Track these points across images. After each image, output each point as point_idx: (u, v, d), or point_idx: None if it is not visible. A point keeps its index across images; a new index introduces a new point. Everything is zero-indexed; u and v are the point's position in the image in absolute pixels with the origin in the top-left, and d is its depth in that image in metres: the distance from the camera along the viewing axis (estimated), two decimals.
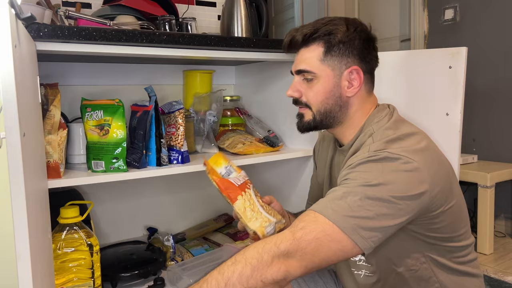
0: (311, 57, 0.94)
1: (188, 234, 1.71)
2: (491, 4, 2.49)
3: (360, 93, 0.94)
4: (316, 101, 0.94)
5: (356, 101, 0.95)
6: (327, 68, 0.92)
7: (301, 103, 0.97)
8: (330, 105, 0.94)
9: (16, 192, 0.73)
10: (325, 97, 0.93)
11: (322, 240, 0.74)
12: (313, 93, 0.94)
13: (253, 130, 1.60)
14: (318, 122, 0.96)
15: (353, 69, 0.92)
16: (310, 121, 0.97)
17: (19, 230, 0.74)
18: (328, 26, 0.92)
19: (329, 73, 0.93)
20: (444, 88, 1.20)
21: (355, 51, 0.92)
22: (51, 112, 1.05)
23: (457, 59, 1.18)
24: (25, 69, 0.80)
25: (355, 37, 0.92)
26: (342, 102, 0.94)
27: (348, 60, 0.92)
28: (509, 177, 2.29)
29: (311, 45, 0.94)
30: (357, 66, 0.92)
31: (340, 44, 0.91)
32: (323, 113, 0.95)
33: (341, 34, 0.91)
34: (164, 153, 1.23)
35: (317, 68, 0.93)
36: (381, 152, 0.81)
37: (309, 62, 0.94)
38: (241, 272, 0.73)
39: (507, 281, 1.88)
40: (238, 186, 0.94)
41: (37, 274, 0.79)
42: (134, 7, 1.46)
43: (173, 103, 1.30)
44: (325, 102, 0.94)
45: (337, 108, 0.94)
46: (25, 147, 0.74)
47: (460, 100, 1.18)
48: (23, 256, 0.74)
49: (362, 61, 0.93)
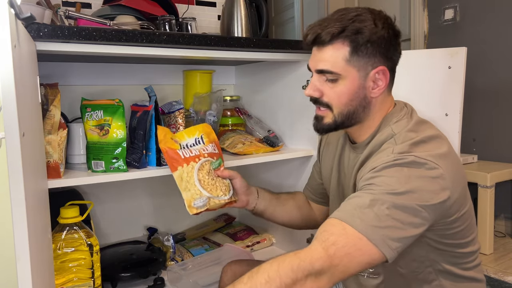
0: (336, 56, 0.87)
1: (188, 234, 1.71)
2: (491, 4, 2.49)
3: (384, 94, 0.91)
4: (339, 103, 0.89)
5: (378, 101, 0.91)
6: (352, 69, 0.86)
7: (321, 103, 0.92)
8: (354, 106, 0.89)
9: (15, 192, 0.73)
10: (349, 99, 0.88)
11: (354, 255, 0.73)
12: (337, 94, 0.88)
13: (253, 130, 1.60)
14: (339, 124, 0.91)
15: (379, 70, 0.87)
16: (330, 123, 0.92)
17: (18, 231, 0.74)
18: (356, 24, 0.85)
19: (354, 75, 0.87)
20: (443, 88, 1.20)
21: (382, 50, 0.87)
22: (51, 112, 1.05)
23: (457, 59, 1.18)
24: (24, 69, 0.80)
25: (383, 34, 0.86)
26: (365, 103, 0.89)
27: (375, 60, 0.87)
28: (509, 177, 2.28)
29: (336, 42, 0.87)
30: (383, 66, 0.87)
31: (368, 44, 0.85)
32: (345, 115, 0.90)
33: (369, 32, 0.85)
34: None
35: (343, 69, 0.86)
36: (408, 156, 0.79)
37: (334, 62, 0.87)
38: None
39: (507, 281, 1.88)
40: (184, 158, 1.03)
41: (37, 275, 0.79)
42: (134, 7, 1.46)
43: (173, 103, 1.30)
44: (349, 104, 0.89)
45: (360, 109, 0.89)
46: (24, 147, 0.74)
47: (460, 100, 1.18)
48: (23, 257, 0.74)
49: (388, 60, 0.88)
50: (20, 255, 0.74)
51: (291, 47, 1.33)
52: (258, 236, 1.71)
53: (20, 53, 0.76)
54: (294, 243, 1.60)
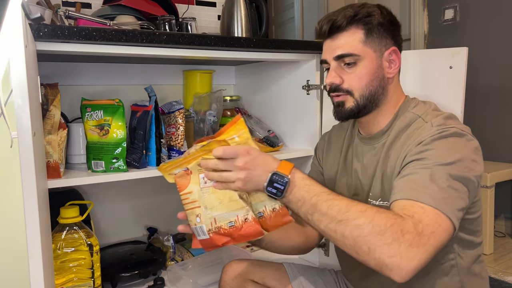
0: (352, 40, 0.92)
1: (188, 234, 1.71)
2: (491, 4, 2.49)
3: (397, 77, 0.97)
4: (361, 85, 0.92)
5: (394, 85, 0.96)
6: (369, 49, 0.92)
7: (341, 90, 0.94)
8: (375, 87, 0.93)
9: (28, 190, 0.73)
10: (369, 80, 0.92)
11: (437, 233, 0.72)
12: (357, 77, 0.92)
13: (253, 130, 1.60)
14: (362, 107, 0.93)
15: (392, 50, 0.94)
16: (353, 107, 0.93)
17: (31, 229, 0.75)
18: (365, 9, 0.92)
19: (372, 55, 0.92)
20: (444, 88, 1.20)
21: (391, 33, 0.94)
22: (51, 112, 1.05)
23: (458, 59, 1.18)
24: (31, 69, 0.80)
25: (390, 19, 0.94)
26: (384, 84, 0.94)
27: (387, 42, 0.93)
28: (509, 177, 2.28)
29: (350, 28, 0.92)
30: (395, 47, 0.94)
31: (379, 26, 0.92)
32: (367, 97, 0.92)
33: (378, 16, 0.92)
34: (164, 153, 1.23)
35: (361, 50, 0.91)
36: (450, 128, 0.83)
37: (352, 45, 0.91)
38: (361, 225, 0.70)
39: (507, 281, 1.88)
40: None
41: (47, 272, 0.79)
42: (134, 7, 1.46)
43: (173, 103, 1.30)
44: (370, 84, 0.92)
45: (380, 90, 0.93)
46: (35, 146, 0.74)
47: (461, 100, 1.18)
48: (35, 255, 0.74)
49: (397, 42, 0.96)
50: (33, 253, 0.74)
51: (291, 47, 1.33)
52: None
53: (29, 53, 0.76)
54: None
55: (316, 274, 1.16)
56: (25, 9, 0.73)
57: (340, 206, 0.74)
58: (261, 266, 1.16)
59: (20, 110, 0.72)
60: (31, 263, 0.74)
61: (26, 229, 0.74)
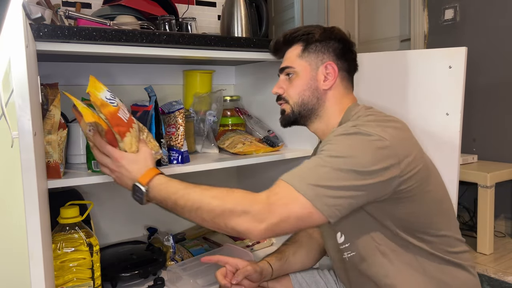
0: (292, 55, 1.05)
1: (188, 234, 1.71)
2: (491, 4, 2.49)
3: (338, 89, 1.02)
4: (294, 93, 1.03)
5: (333, 96, 1.02)
6: (305, 63, 1.03)
7: (282, 99, 1.07)
8: (307, 96, 1.02)
9: (29, 191, 0.74)
10: (302, 89, 1.02)
11: (291, 207, 0.80)
12: (293, 87, 1.04)
13: (253, 130, 1.60)
14: (297, 114, 1.04)
15: (328, 64, 1.01)
16: (290, 114, 1.05)
17: (31, 229, 0.75)
18: (307, 29, 1.05)
19: (306, 67, 1.02)
20: (444, 88, 1.20)
21: (331, 49, 1.02)
22: (51, 112, 1.05)
23: (457, 59, 1.18)
24: (32, 69, 0.80)
25: (330, 37, 1.03)
26: (318, 94, 1.02)
27: (324, 57, 1.02)
28: (509, 177, 2.28)
29: (293, 45, 1.06)
30: (332, 62, 1.01)
31: (317, 42, 1.02)
32: (300, 105, 1.03)
33: (318, 34, 1.03)
34: (164, 153, 1.23)
35: (296, 63, 1.03)
36: (356, 128, 0.86)
37: (290, 59, 1.05)
38: (214, 208, 0.83)
39: (507, 281, 1.88)
40: (127, 122, 0.96)
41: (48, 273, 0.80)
42: (134, 7, 1.46)
43: (173, 103, 1.30)
44: (302, 93, 1.02)
45: (314, 100, 1.02)
46: (36, 146, 0.74)
47: (460, 100, 1.18)
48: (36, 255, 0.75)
49: (339, 59, 1.02)
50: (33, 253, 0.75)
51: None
52: None
53: (29, 53, 0.76)
54: None
55: (317, 274, 1.17)
56: (25, 9, 0.73)
57: (194, 197, 0.85)
58: None
59: (21, 110, 0.72)
60: (31, 263, 0.74)
61: (27, 229, 0.74)
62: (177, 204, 0.87)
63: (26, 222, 0.74)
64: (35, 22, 0.86)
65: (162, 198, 0.90)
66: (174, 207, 0.88)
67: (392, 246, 0.91)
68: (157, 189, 0.91)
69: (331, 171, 0.81)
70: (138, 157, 0.96)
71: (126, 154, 0.95)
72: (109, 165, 0.95)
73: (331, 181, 0.80)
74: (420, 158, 0.88)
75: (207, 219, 0.84)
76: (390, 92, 1.29)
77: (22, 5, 0.70)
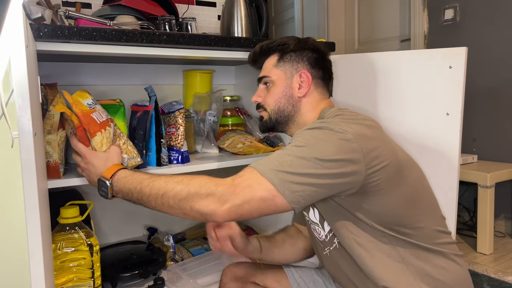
0: (268, 64, 1.10)
1: (188, 234, 1.71)
2: (491, 4, 2.49)
3: (313, 96, 1.06)
4: (271, 101, 1.07)
5: (308, 102, 1.05)
6: (280, 72, 1.07)
7: (261, 107, 1.11)
8: (283, 104, 1.06)
9: (29, 191, 0.74)
10: (278, 97, 1.06)
11: (254, 189, 0.82)
12: (270, 95, 1.08)
13: (253, 130, 1.60)
14: (274, 120, 1.08)
15: (302, 73, 1.05)
16: (267, 120, 1.09)
17: (31, 229, 0.75)
18: (282, 39, 1.10)
19: (281, 76, 1.07)
20: (444, 88, 1.20)
21: (305, 59, 1.07)
22: (50, 112, 1.05)
23: (457, 59, 1.18)
24: (32, 69, 0.80)
25: (304, 47, 1.07)
26: (294, 101, 1.05)
27: (298, 66, 1.06)
28: (509, 177, 2.28)
29: (270, 55, 1.11)
30: (306, 71, 1.05)
31: (292, 53, 1.07)
32: (276, 112, 1.07)
33: (293, 45, 1.07)
34: (164, 153, 1.23)
35: (272, 73, 1.08)
36: (320, 123, 0.89)
37: (267, 69, 1.10)
38: (179, 192, 0.84)
39: (507, 281, 1.88)
40: (99, 123, 1.03)
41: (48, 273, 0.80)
42: (134, 7, 1.46)
43: (173, 103, 1.30)
44: (278, 101, 1.06)
45: (289, 107, 1.06)
46: (36, 146, 0.74)
47: (460, 100, 1.18)
48: (36, 255, 0.75)
49: (313, 68, 1.06)
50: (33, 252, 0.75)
51: None
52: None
53: (29, 53, 0.76)
54: None
55: (316, 274, 1.17)
56: (26, 9, 0.73)
57: (159, 184, 0.87)
58: (260, 268, 1.17)
59: (21, 110, 0.72)
60: (32, 263, 0.74)
61: (27, 229, 0.74)
62: (142, 193, 0.88)
63: (26, 222, 0.74)
64: (35, 22, 0.87)
65: (128, 190, 0.92)
66: (140, 197, 0.89)
67: (368, 238, 0.92)
68: (122, 182, 0.93)
69: (294, 159, 0.83)
70: (106, 155, 1.01)
71: (94, 152, 1.01)
72: (79, 162, 1.02)
73: (294, 168, 0.82)
74: (388, 153, 0.89)
75: (172, 204, 0.85)
76: (390, 92, 1.29)
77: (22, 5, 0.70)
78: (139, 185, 0.89)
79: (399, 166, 0.90)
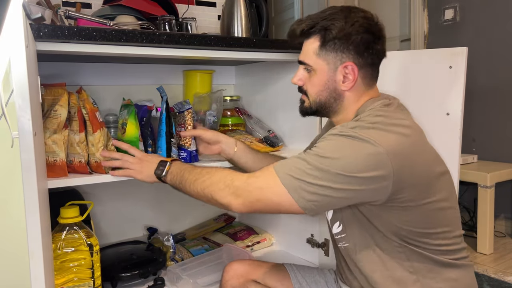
0: (309, 50, 0.97)
1: (188, 234, 1.71)
2: (491, 4, 2.49)
3: (357, 87, 0.96)
4: (313, 92, 0.99)
5: (352, 94, 0.97)
6: (322, 62, 0.95)
7: (302, 91, 1.03)
8: (325, 97, 0.98)
9: (29, 191, 0.74)
10: (319, 90, 0.98)
11: (265, 191, 0.86)
12: (311, 84, 0.99)
13: (253, 130, 1.60)
14: (314, 110, 1.01)
15: (347, 65, 0.93)
16: (307, 107, 1.03)
17: (31, 229, 0.75)
18: (325, 21, 0.94)
19: (324, 67, 0.96)
20: (444, 88, 1.20)
21: (351, 46, 0.92)
22: (57, 112, 1.05)
23: (458, 59, 1.18)
24: (32, 69, 0.80)
25: (351, 32, 0.92)
26: (336, 95, 0.97)
27: (343, 56, 0.93)
28: (509, 177, 2.28)
29: (311, 37, 0.97)
30: (351, 62, 0.93)
31: (335, 40, 0.92)
32: (318, 103, 0.99)
33: (337, 30, 0.92)
34: (174, 152, 1.24)
35: (313, 62, 0.97)
36: (353, 132, 0.84)
37: (307, 55, 0.98)
38: (205, 180, 0.95)
39: (507, 281, 1.88)
40: (99, 122, 1.13)
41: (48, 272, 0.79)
42: (134, 7, 1.46)
43: (183, 103, 1.31)
44: (319, 94, 0.98)
45: (331, 100, 0.98)
46: (36, 146, 0.74)
47: (461, 100, 1.18)
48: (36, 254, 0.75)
49: (359, 56, 0.93)
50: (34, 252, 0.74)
51: (291, 47, 1.33)
52: (258, 236, 1.70)
53: (29, 53, 0.76)
54: (294, 242, 1.60)
55: (317, 274, 1.17)
56: (25, 9, 0.73)
57: (196, 172, 0.99)
58: (262, 267, 1.17)
59: (21, 110, 0.72)
60: (32, 263, 0.74)
61: (27, 229, 0.74)
62: (183, 178, 1.00)
63: (26, 222, 0.74)
64: (35, 22, 0.86)
65: (175, 172, 1.04)
66: (181, 181, 1.01)
67: (383, 245, 0.91)
68: (175, 164, 1.06)
69: (314, 169, 0.82)
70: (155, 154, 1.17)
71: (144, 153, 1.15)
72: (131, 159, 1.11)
73: (312, 179, 0.82)
74: (420, 170, 0.85)
75: (200, 191, 0.95)
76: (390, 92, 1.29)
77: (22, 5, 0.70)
78: (184, 171, 1.02)
79: (429, 183, 0.87)
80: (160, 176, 1.07)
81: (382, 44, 0.96)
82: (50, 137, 1.05)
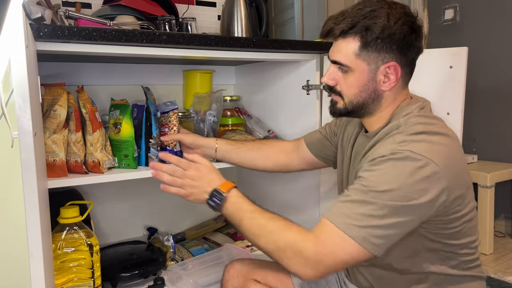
0: (346, 49, 0.90)
1: (188, 234, 1.71)
2: (491, 4, 2.49)
3: (396, 87, 0.92)
4: (349, 93, 0.93)
5: (390, 94, 0.93)
6: (362, 62, 0.90)
7: (334, 91, 0.96)
8: (363, 98, 0.93)
9: (29, 191, 0.74)
10: (358, 90, 0.92)
11: (337, 254, 0.80)
12: (347, 84, 0.93)
13: (253, 130, 1.60)
14: (349, 111, 0.96)
15: (390, 65, 0.89)
16: (342, 109, 0.96)
17: (31, 229, 0.75)
18: (367, 20, 0.87)
19: (364, 68, 0.90)
20: (444, 88, 1.20)
21: (394, 46, 0.88)
22: (56, 112, 1.05)
23: (458, 59, 1.18)
24: (32, 69, 0.80)
25: (395, 31, 0.87)
26: (375, 96, 0.92)
27: (386, 56, 0.88)
28: (509, 177, 2.29)
29: (348, 37, 0.90)
30: (394, 62, 0.89)
31: (378, 40, 0.87)
32: (355, 105, 0.94)
33: (379, 30, 0.87)
34: (153, 153, 1.23)
35: (352, 62, 0.90)
36: (404, 151, 0.80)
37: (344, 55, 0.91)
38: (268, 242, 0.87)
39: (507, 281, 1.88)
40: (99, 122, 1.15)
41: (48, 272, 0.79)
42: (134, 7, 1.46)
43: (168, 104, 1.30)
44: (358, 95, 0.92)
45: (370, 101, 0.93)
46: (36, 146, 0.74)
47: (461, 100, 1.18)
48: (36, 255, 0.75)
49: (402, 55, 0.89)
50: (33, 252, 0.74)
51: (291, 47, 1.33)
52: None
53: (29, 53, 0.76)
54: None
55: None
56: (25, 9, 0.73)
57: (257, 225, 0.90)
58: (263, 266, 1.17)
59: (21, 110, 0.72)
60: (32, 263, 0.74)
61: (27, 229, 0.74)
62: (242, 224, 0.93)
63: (26, 222, 0.74)
64: (35, 22, 0.86)
65: (231, 212, 0.95)
66: (239, 225, 0.94)
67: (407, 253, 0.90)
68: (232, 201, 0.96)
69: (378, 209, 0.78)
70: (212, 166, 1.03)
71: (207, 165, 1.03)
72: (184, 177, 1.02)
73: (379, 220, 0.78)
74: (463, 178, 0.85)
75: (265, 251, 0.89)
76: None
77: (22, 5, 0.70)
78: (243, 214, 0.93)
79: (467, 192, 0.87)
80: (214, 208, 0.98)
81: (421, 41, 0.93)
82: (50, 137, 1.05)
